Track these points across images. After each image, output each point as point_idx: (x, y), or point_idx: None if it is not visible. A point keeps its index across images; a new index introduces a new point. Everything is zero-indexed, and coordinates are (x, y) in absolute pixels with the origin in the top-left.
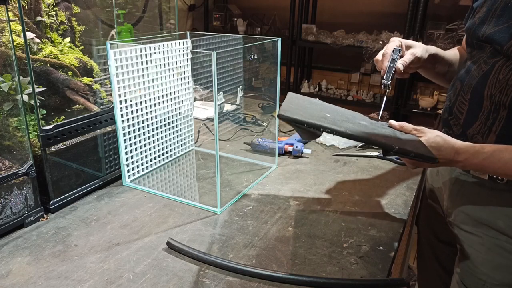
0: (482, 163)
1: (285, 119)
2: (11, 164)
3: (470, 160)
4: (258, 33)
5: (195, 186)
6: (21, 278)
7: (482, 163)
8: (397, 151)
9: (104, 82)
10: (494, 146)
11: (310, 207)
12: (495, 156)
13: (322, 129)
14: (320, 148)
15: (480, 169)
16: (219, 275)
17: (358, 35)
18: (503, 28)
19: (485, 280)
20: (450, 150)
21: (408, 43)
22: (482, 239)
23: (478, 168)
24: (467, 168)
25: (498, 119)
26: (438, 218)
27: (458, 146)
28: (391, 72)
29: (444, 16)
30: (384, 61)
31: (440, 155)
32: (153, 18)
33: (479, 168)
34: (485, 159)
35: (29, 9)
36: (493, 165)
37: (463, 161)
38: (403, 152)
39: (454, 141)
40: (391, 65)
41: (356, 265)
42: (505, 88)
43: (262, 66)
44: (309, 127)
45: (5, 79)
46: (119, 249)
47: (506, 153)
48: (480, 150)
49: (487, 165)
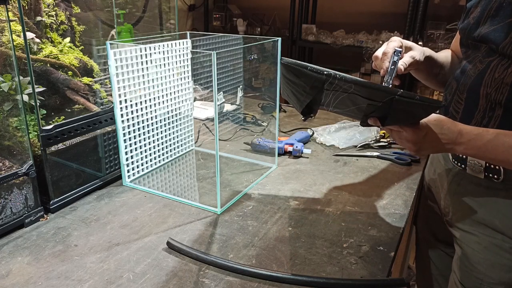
0: (486, 145)
1: (287, 63)
2: (11, 164)
3: (473, 142)
4: (258, 33)
5: (195, 186)
6: (21, 278)
7: (485, 146)
8: (401, 95)
9: (104, 82)
10: (497, 130)
11: (310, 207)
12: (499, 139)
13: (326, 74)
14: (320, 148)
15: (482, 153)
16: (219, 275)
17: (358, 35)
18: (498, 28)
19: (482, 279)
20: (453, 129)
21: (407, 44)
22: (478, 238)
23: (480, 152)
24: (468, 152)
25: (493, 118)
26: (436, 217)
27: (462, 127)
28: (392, 74)
29: (444, 16)
30: (384, 60)
31: (443, 134)
32: (153, 18)
33: (481, 152)
34: (489, 141)
35: (29, 9)
36: (495, 149)
37: (465, 142)
38: (408, 96)
39: (458, 123)
40: (392, 67)
41: (356, 265)
42: (501, 86)
43: (262, 66)
44: (312, 71)
45: (5, 79)
46: (119, 249)
47: (510, 138)
48: (484, 132)
49: (490, 149)
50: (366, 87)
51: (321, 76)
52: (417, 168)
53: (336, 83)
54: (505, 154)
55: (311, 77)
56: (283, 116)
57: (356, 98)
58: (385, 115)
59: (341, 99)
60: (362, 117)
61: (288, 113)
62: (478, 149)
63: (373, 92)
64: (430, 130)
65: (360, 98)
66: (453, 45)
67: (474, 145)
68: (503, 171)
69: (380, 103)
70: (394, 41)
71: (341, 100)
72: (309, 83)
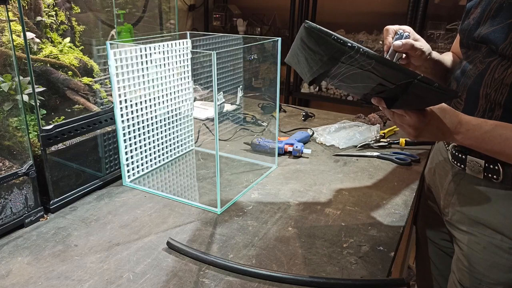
0: (483, 136)
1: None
2: (11, 164)
3: (472, 132)
4: (258, 33)
5: (195, 186)
6: (21, 278)
7: (482, 136)
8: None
9: (104, 82)
10: (496, 121)
11: (310, 207)
12: (496, 131)
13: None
14: (320, 148)
15: (479, 143)
16: (219, 275)
17: (358, 35)
18: (498, 28)
19: (481, 279)
20: (454, 118)
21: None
22: (477, 238)
23: (477, 142)
24: (466, 141)
25: (493, 118)
26: (436, 217)
27: (462, 117)
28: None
29: (444, 16)
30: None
31: (444, 119)
32: (153, 18)
33: (477, 143)
34: (486, 132)
35: (29, 9)
36: (492, 140)
37: (464, 132)
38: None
39: (459, 112)
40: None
41: (356, 265)
42: (500, 87)
43: (262, 66)
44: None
45: (5, 79)
46: (119, 249)
47: (508, 130)
48: (483, 123)
49: (486, 140)
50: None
51: (344, 47)
52: (417, 168)
53: (356, 57)
54: (501, 145)
55: (334, 46)
56: (283, 116)
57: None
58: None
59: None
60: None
61: (288, 113)
62: (475, 139)
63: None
64: (433, 117)
65: (374, 77)
66: (454, 47)
67: (472, 135)
68: (503, 171)
69: (394, 85)
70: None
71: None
72: (329, 53)
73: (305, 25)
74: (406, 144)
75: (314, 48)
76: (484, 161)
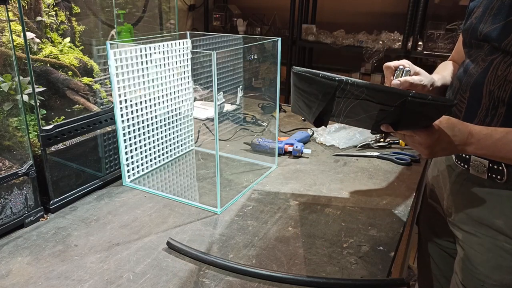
0: (495, 144)
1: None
2: (11, 164)
3: (483, 141)
4: (258, 33)
5: (195, 186)
6: (21, 278)
7: (495, 144)
8: (414, 95)
9: (104, 82)
10: (506, 128)
11: (310, 207)
12: (508, 138)
13: (337, 80)
14: (320, 148)
15: (492, 152)
16: (219, 275)
17: (358, 35)
18: (500, 26)
19: (484, 281)
20: (464, 130)
21: (416, 69)
22: (481, 239)
23: (489, 151)
24: (478, 151)
25: (496, 116)
26: (439, 218)
27: (471, 127)
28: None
29: (444, 16)
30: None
31: (454, 136)
32: (153, 18)
33: (490, 151)
34: (498, 140)
35: (29, 9)
36: (505, 147)
37: (475, 143)
38: (420, 96)
39: (467, 123)
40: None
41: (356, 265)
42: (503, 84)
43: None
44: (323, 77)
45: (5, 79)
46: (119, 249)
47: None
48: (493, 132)
49: (499, 147)
50: (377, 90)
51: (332, 82)
52: (417, 168)
53: (347, 89)
54: None
55: (323, 84)
56: (283, 116)
57: (367, 105)
58: (397, 119)
59: (352, 106)
60: (373, 125)
61: (288, 113)
62: (488, 148)
63: (385, 96)
64: (442, 133)
65: (372, 104)
66: (455, 51)
67: (484, 145)
68: (507, 171)
69: (392, 107)
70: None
71: (352, 108)
72: (321, 90)
73: (293, 71)
74: (406, 144)
75: (308, 89)
76: (488, 161)
